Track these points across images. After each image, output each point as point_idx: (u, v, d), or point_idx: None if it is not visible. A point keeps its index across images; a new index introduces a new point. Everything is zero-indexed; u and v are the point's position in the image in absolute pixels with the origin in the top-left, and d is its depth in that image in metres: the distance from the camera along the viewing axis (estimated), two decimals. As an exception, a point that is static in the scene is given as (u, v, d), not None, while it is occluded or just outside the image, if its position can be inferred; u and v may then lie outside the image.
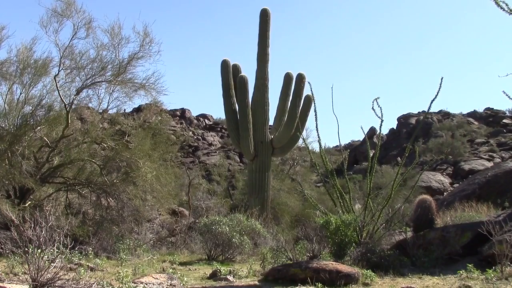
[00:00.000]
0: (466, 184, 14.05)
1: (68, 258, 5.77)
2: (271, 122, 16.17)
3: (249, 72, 16.01)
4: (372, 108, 8.44)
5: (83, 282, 4.96)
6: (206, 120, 43.38)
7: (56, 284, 4.71)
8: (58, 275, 4.74)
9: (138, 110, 18.99)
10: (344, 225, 7.61)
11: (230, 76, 15.67)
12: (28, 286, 4.71)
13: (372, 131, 31.49)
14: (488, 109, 40.29)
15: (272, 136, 15.70)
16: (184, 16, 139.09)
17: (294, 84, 15.83)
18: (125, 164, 11.10)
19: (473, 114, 40.04)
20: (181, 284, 6.13)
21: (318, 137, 11.20)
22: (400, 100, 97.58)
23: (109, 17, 46.34)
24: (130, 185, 10.93)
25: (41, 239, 4.90)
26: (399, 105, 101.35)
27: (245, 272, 7.38)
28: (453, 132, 35.00)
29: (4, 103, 10.70)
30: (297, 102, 15.64)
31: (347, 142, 44.04)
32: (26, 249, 4.77)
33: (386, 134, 39.43)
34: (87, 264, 7.27)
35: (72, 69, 11.06)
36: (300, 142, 17.97)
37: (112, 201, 11.24)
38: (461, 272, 6.34)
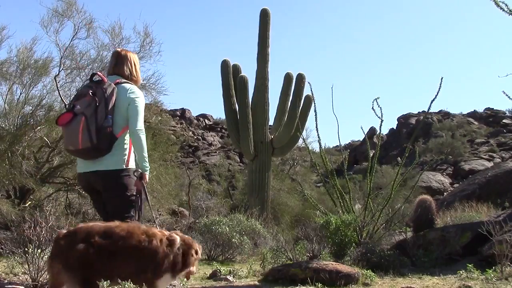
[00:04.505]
0: (466, 184, 14.04)
1: (68, 258, 5.75)
2: (271, 122, 16.16)
3: (249, 72, 15.98)
4: (372, 108, 8.41)
5: (83, 282, 4.96)
6: (206, 120, 43.41)
7: (56, 284, 4.71)
8: (58, 275, 4.73)
9: (138, 110, 18.97)
10: (344, 225, 7.60)
11: (230, 76, 15.66)
12: (28, 286, 4.71)
13: (372, 131, 31.45)
14: (488, 109, 40.35)
15: (272, 136, 15.70)
16: (184, 16, 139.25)
17: (294, 84, 15.82)
18: (125, 164, 11.09)
19: (473, 114, 40.10)
20: (181, 284, 6.13)
21: (318, 137, 11.17)
22: (400, 100, 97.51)
23: (110, 17, 46.47)
24: (130, 185, 10.92)
25: (41, 239, 4.90)
26: (399, 105, 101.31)
27: (245, 272, 7.38)
28: (453, 132, 35.05)
29: (4, 103, 10.67)
30: (297, 102, 15.61)
31: (347, 142, 44.08)
32: (26, 249, 4.77)
33: (386, 134, 39.48)
34: (87, 264, 7.26)
35: (72, 69, 11.04)
36: (300, 142, 17.96)
37: (112, 201, 11.23)
38: (461, 272, 6.33)
